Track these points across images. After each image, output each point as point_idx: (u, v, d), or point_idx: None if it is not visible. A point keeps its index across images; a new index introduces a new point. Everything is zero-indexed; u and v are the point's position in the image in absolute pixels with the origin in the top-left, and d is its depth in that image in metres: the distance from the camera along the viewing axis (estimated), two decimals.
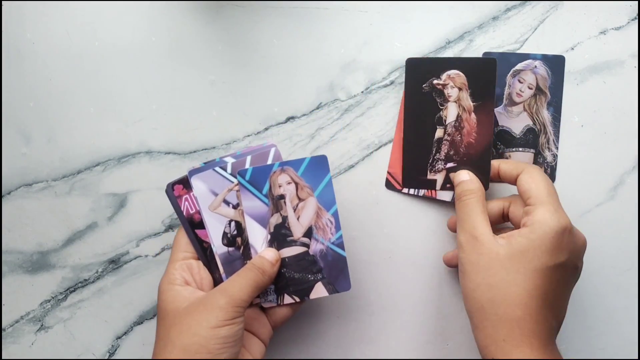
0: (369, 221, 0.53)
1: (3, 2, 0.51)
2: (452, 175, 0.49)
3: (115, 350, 0.53)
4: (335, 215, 0.47)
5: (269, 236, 0.47)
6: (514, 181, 0.46)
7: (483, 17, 0.52)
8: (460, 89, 0.50)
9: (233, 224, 0.47)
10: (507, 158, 0.52)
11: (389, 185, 0.53)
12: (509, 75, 0.52)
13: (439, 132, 0.50)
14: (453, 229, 0.51)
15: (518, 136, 0.52)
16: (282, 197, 0.47)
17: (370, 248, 0.53)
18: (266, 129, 0.53)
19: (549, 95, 0.52)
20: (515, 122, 0.52)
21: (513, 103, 0.52)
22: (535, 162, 0.52)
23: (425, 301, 0.53)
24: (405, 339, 0.53)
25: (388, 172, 0.53)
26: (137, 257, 0.53)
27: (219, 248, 0.47)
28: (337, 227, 0.47)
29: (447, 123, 0.50)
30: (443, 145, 0.50)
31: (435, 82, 0.50)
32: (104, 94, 0.52)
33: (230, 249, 0.47)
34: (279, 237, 0.47)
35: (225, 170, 0.47)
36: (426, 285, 0.53)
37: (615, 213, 0.52)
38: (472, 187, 0.47)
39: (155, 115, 0.52)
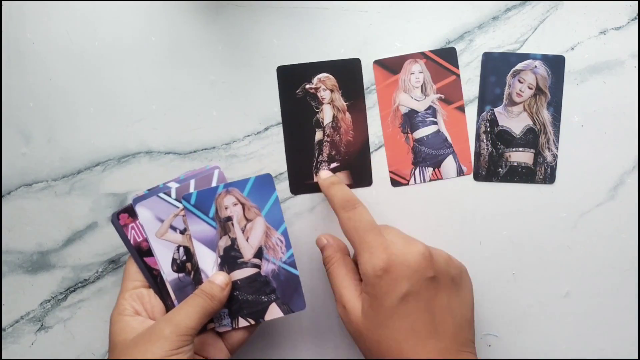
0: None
1: (3, 2, 0.51)
2: (317, 242, 0.48)
3: None
4: (285, 233, 0.47)
5: (219, 259, 0.47)
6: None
7: (483, 17, 0.52)
8: (332, 91, 0.51)
9: (182, 249, 0.47)
10: (507, 158, 0.52)
11: (394, 183, 0.53)
12: (509, 75, 0.52)
13: (318, 135, 0.52)
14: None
15: (518, 136, 0.52)
16: (229, 219, 0.46)
17: None
18: (266, 129, 0.53)
19: (549, 95, 0.52)
20: (515, 122, 0.52)
21: (513, 103, 0.52)
22: (535, 162, 0.52)
23: None
24: None
25: (390, 172, 0.53)
26: None
27: (169, 275, 0.46)
28: (288, 246, 0.47)
29: (324, 125, 0.52)
30: (324, 147, 0.52)
31: (307, 86, 0.51)
32: (104, 94, 0.52)
33: (181, 274, 0.47)
34: (229, 259, 0.47)
35: (169, 195, 0.46)
36: None
37: (615, 213, 0.52)
38: (329, 254, 0.47)
39: (155, 115, 0.52)
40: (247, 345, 0.53)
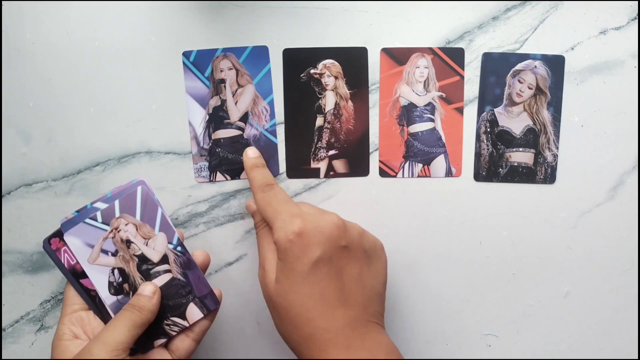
0: (369, 221, 0.53)
1: (3, 2, 0.51)
2: (246, 206, 0.50)
3: None
4: (271, 104, 0.50)
5: (207, 116, 0.50)
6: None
7: (483, 17, 0.52)
8: (336, 78, 0.51)
9: (116, 271, 0.47)
10: (507, 158, 0.52)
11: (383, 173, 0.53)
12: (509, 75, 0.52)
13: (319, 121, 0.52)
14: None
15: (518, 136, 0.52)
16: (222, 81, 0.50)
17: None
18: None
19: (549, 95, 0.52)
20: (515, 122, 0.52)
21: (513, 103, 0.52)
22: (536, 162, 0.52)
23: (425, 301, 0.53)
24: (405, 339, 0.53)
25: (380, 161, 0.53)
26: None
27: (107, 299, 0.47)
28: (272, 116, 0.50)
29: (326, 111, 0.52)
30: (324, 133, 0.52)
31: (312, 71, 0.51)
32: (104, 94, 0.52)
33: (119, 296, 0.47)
34: (217, 118, 0.50)
35: (95, 220, 0.47)
36: (426, 285, 0.53)
37: (615, 213, 0.52)
38: (259, 219, 0.48)
39: (155, 115, 0.52)
40: (248, 345, 0.53)
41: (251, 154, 0.49)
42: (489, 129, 0.52)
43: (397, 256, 0.53)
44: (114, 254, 0.47)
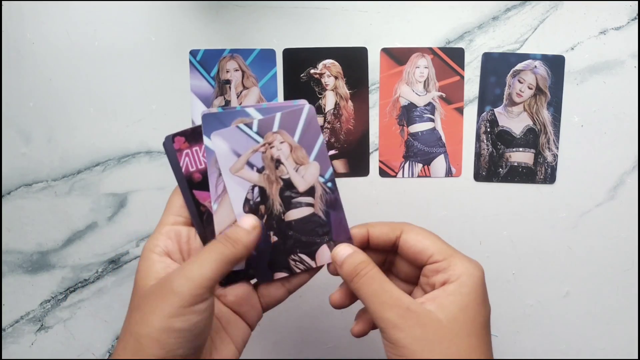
0: (369, 221, 0.53)
1: (3, 2, 0.51)
2: (332, 255, 0.41)
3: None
4: None
5: None
6: (392, 245, 0.40)
7: (483, 17, 0.52)
8: (336, 78, 0.52)
9: (257, 189, 0.42)
10: (507, 158, 0.52)
11: (383, 173, 0.53)
12: (509, 75, 0.52)
13: (319, 121, 0.52)
14: (340, 304, 0.42)
15: (518, 136, 0.52)
16: (228, 82, 0.49)
17: None
18: None
19: (549, 95, 0.52)
20: (516, 122, 0.52)
21: (513, 103, 0.52)
22: (536, 162, 0.52)
23: None
24: None
25: (380, 161, 0.53)
26: (137, 257, 0.53)
27: (239, 216, 0.41)
28: None
29: (326, 111, 0.52)
30: (324, 133, 0.52)
31: (312, 71, 0.51)
32: (104, 94, 0.52)
33: None
34: None
35: (250, 128, 0.41)
36: None
37: (615, 213, 0.52)
38: (364, 258, 0.39)
39: (155, 115, 0.52)
40: (248, 345, 0.53)
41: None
42: (489, 129, 0.52)
43: None
44: (260, 171, 0.42)
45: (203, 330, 0.35)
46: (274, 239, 0.42)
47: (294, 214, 0.42)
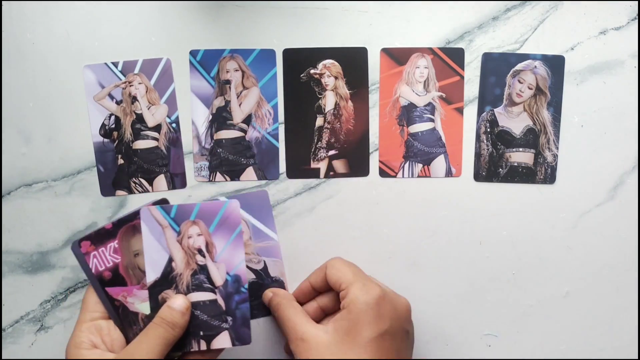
0: (369, 221, 0.53)
1: (3, 2, 0.51)
2: (263, 295, 0.50)
3: None
4: (275, 107, 0.51)
5: (210, 116, 0.50)
6: (327, 284, 0.47)
7: (483, 17, 0.52)
8: (336, 78, 0.52)
9: (113, 117, 0.51)
10: (507, 159, 0.52)
11: (383, 173, 0.53)
12: (509, 75, 0.52)
13: (319, 121, 0.52)
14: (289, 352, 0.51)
15: (518, 136, 0.52)
16: (228, 82, 0.50)
17: (370, 248, 0.53)
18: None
19: (549, 95, 0.52)
20: (516, 122, 0.52)
21: (513, 103, 0.52)
22: (536, 162, 0.52)
23: (425, 301, 0.53)
24: None
25: (380, 161, 0.53)
26: None
27: (94, 137, 0.51)
28: (275, 119, 0.50)
29: (326, 111, 0.52)
30: (324, 134, 0.52)
31: (312, 71, 0.51)
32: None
33: (106, 140, 0.51)
34: (220, 119, 0.50)
35: (116, 67, 0.50)
36: (426, 285, 0.53)
37: (615, 213, 0.52)
38: (278, 299, 0.48)
39: None
40: (248, 344, 0.53)
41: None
42: (489, 129, 0.52)
43: (397, 256, 0.53)
44: (118, 103, 0.51)
45: None
46: (121, 161, 0.51)
47: (140, 144, 0.50)
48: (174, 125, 0.51)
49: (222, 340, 0.46)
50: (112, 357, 0.42)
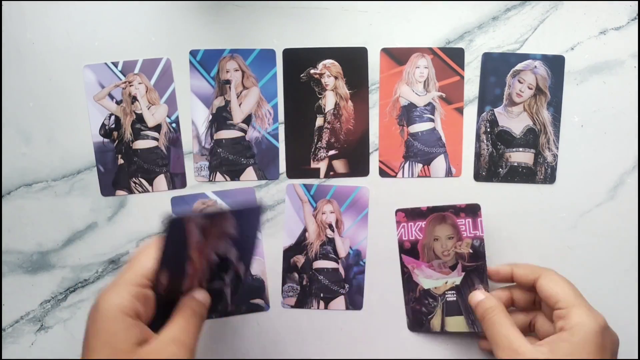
0: (369, 221, 0.53)
1: (3, 2, 0.51)
2: (469, 298, 0.49)
3: None
4: (275, 107, 0.51)
5: (210, 116, 0.51)
6: (530, 286, 0.47)
7: (483, 17, 0.52)
8: (336, 78, 0.52)
9: (113, 117, 0.51)
10: (507, 159, 0.52)
11: (383, 173, 0.53)
12: (508, 75, 0.52)
13: (319, 121, 0.52)
14: (486, 349, 0.51)
15: (518, 136, 0.52)
16: (228, 82, 0.50)
17: (370, 248, 0.53)
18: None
19: (549, 95, 0.52)
20: (516, 122, 0.52)
21: (513, 103, 0.52)
22: (536, 162, 0.52)
23: None
24: (405, 338, 0.53)
25: (380, 161, 0.53)
26: None
27: (94, 137, 0.51)
28: (275, 119, 0.51)
29: (326, 111, 0.52)
30: (324, 134, 0.52)
31: (312, 71, 0.51)
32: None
33: (106, 140, 0.51)
34: (220, 119, 0.51)
35: (116, 66, 0.50)
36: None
37: (615, 213, 0.52)
38: (492, 305, 0.46)
39: None
40: (249, 344, 0.53)
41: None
42: (489, 129, 0.52)
43: (397, 256, 0.53)
44: (118, 103, 0.51)
45: None
46: (121, 161, 0.51)
47: (140, 144, 0.51)
48: (174, 125, 0.51)
49: (339, 303, 0.52)
50: (154, 338, 0.37)
